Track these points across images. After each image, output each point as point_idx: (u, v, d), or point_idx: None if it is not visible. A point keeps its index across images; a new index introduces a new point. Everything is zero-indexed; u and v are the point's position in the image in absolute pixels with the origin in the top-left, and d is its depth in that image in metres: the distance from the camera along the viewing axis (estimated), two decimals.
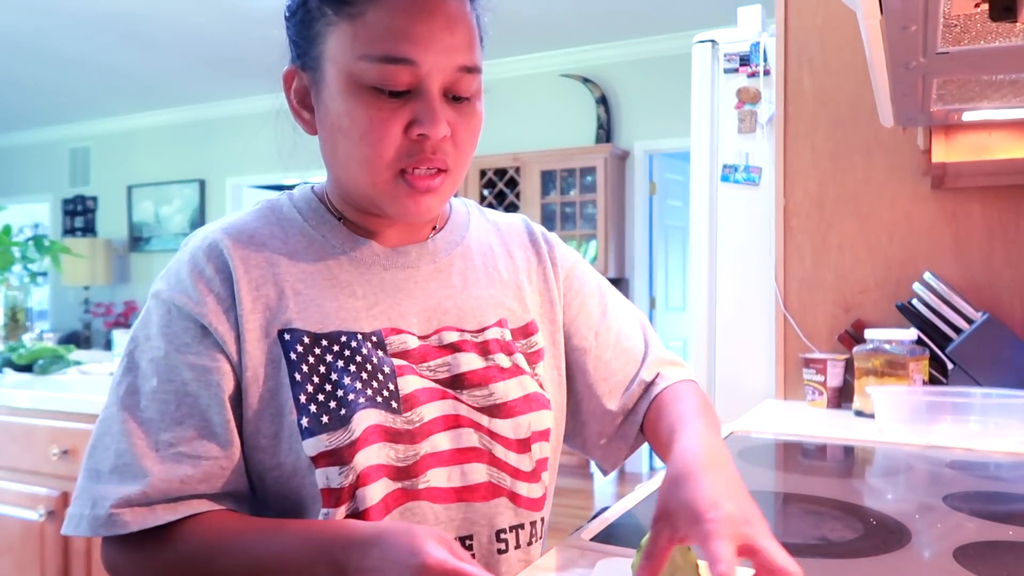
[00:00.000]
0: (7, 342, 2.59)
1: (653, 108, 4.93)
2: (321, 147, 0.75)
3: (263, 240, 0.75)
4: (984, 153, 1.42)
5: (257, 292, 0.71)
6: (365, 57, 0.67)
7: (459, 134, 0.71)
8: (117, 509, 0.65)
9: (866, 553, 0.76)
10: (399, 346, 0.74)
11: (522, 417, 0.76)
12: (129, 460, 0.67)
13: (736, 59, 2.20)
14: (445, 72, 0.68)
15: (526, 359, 0.80)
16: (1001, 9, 0.68)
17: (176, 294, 0.71)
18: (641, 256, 4.97)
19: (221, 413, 0.69)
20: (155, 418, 0.68)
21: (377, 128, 0.68)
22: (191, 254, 0.73)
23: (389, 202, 0.71)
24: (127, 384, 0.70)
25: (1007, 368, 1.53)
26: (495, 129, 5.36)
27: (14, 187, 7.66)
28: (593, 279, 0.91)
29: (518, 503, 0.76)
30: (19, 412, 2.02)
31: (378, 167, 0.69)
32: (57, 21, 4.60)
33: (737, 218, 2.21)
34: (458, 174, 0.73)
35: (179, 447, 0.67)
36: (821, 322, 1.81)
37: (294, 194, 0.81)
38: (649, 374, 0.85)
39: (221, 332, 0.70)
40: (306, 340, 0.71)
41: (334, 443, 0.68)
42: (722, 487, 0.57)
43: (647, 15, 4.54)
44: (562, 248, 0.91)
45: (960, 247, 1.70)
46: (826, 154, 1.82)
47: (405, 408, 0.72)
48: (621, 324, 0.88)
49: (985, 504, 0.96)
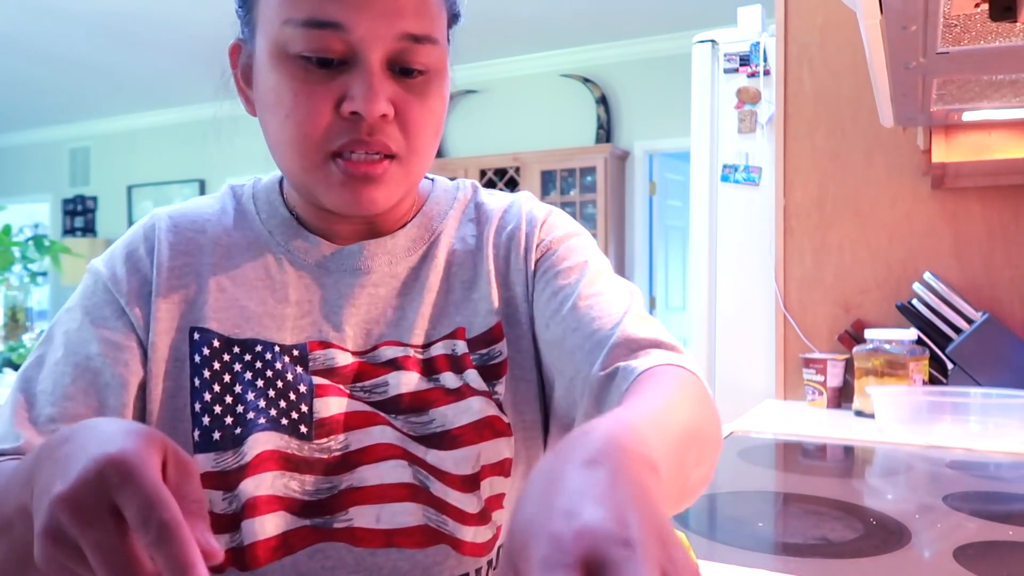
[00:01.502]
0: (7, 342, 2.59)
1: (653, 108, 4.93)
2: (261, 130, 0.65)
3: (205, 227, 0.68)
4: (984, 153, 1.42)
5: (177, 281, 0.65)
6: (289, 22, 0.58)
7: (409, 115, 0.60)
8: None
9: (866, 553, 0.76)
10: (324, 362, 0.64)
11: (469, 448, 0.63)
12: (6, 430, 0.60)
13: (736, 59, 2.20)
14: (385, 40, 0.58)
15: (485, 374, 0.67)
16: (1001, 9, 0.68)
17: (105, 270, 0.66)
18: (641, 256, 4.97)
19: (119, 396, 0.62)
20: (47, 390, 0.61)
21: (303, 104, 0.59)
22: (133, 231, 0.68)
23: (324, 192, 0.61)
24: (35, 356, 0.64)
25: (1007, 368, 1.53)
26: (495, 129, 5.36)
27: (14, 187, 7.66)
28: (580, 255, 0.70)
29: (461, 550, 0.64)
30: None
31: (306, 149, 0.60)
32: (57, 21, 4.60)
33: (737, 218, 2.21)
34: (413, 163, 0.63)
35: (60, 422, 0.60)
36: (821, 322, 1.81)
37: (260, 181, 0.73)
38: (607, 367, 0.60)
39: (137, 316, 0.64)
40: (215, 344, 0.63)
41: (221, 464, 0.60)
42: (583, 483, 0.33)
43: (647, 15, 4.54)
44: (549, 224, 0.72)
45: (960, 247, 1.70)
46: (826, 154, 1.82)
47: (319, 434, 0.62)
48: (594, 305, 0.65)
49: (985, 504, 0.96)
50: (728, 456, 1.22)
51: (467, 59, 5.28)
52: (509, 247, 0.71)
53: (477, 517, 0.64)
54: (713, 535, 0.84)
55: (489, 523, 0.66)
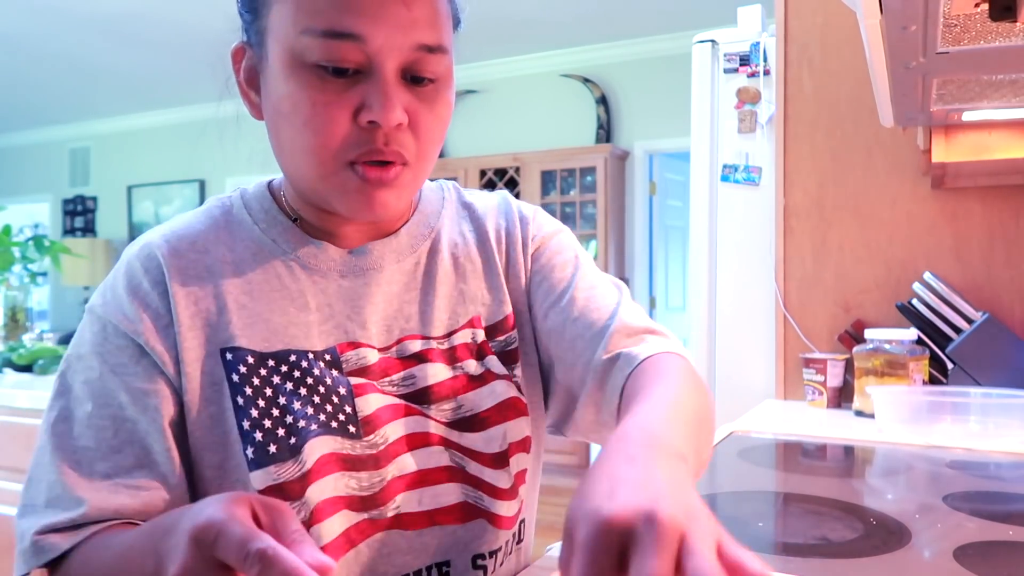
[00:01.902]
0: (7, 342, 2.59)
1: (653, 108, 4.93)
2: (268, 135, 0.66)
3: (206, 246, 0.67)
4: (984, 153, 1.42)
5: (196, 307, 0.64)
6: (307, 31, 0.58)
7: (420, 122, 0.62)
8: (40, 536, 0.59)
9: (866, 553, 0.76)
10: (357, 362, 0.67)
11: (495, 428, 0.69)
12: (61, 492, 0.60)
13: (736, 59, 2.20)
14: (401, 50, 0.59)
15: (503, 359, 0.72)
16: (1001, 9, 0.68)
17: (111, 311, 0.64)
18: (641, 256, 4.97)
19: (161, 441, 0.62)
20: (91, 446, 0.61)
21: (321, 113, 0.59)
22: (127, 265, 0.66)
23: (339, 198, 0.63)
24: (59, 409, 0.63)
25: (1007, 368, 1.53)
26: (495, 129, 5.36)
27: (14, 187, 7.66)
28: (570, 251, 0.77)
29: (497, 524, 0.69)
30: (19, 412, 2.02)
31: (323, 158, 0.61)
32: (57, 21, 4.60)
33: (737, 218, 2.21)
34: (421, 168, 0.65)
35: (116, 477, 0.60)
36: (821, 322, 1.81)
37: (247, 191, 0.72)
38: (609, 352, 0.68)
39: (159, 352, 0.63)
40: (250, 360, 0.64)
41: (283, 476, 0.61)
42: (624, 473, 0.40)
43: (647, 15, 4.54)
44: (538, 222, 0.78)
45: (960, 247, 1.70)
46: (826, 154, 1.82)
47: (366, 431, 0.65)
48: (591, 296, 0.73)
49: (985, 504, 0.96)
50: (728, 456, 1.22)
51: (467, 59, 5.28)
52: (510, 243, 0.76)
53: (508, 492, 0.69)
54: None
55: (517, 497, 0.71)
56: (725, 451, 1.25)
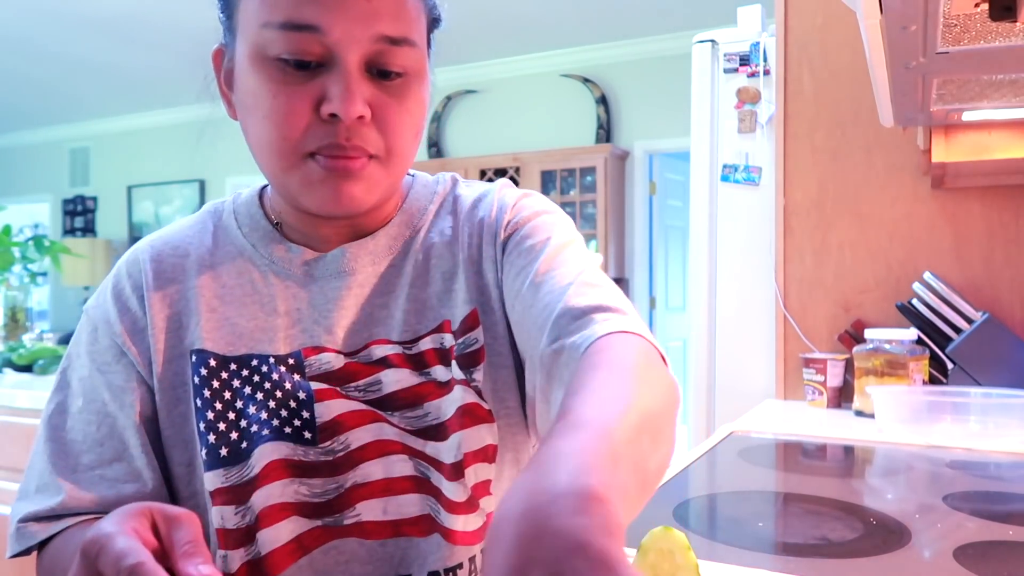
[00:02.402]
0: (7, 342, 2.59)
1: (653, 108, 4.93)
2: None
3: (188, 251, 0.70)
4: (984, 153, 1.42)
5: (170, 310, 0.67)
6: (268, 25, 0.58)
7: (386, 116, 0.61)
8: (23, 523, 0.64)
9: (866, 553, 0.76)
10: (320, 367, 0.66)
11: (453, 437, 0.65)
12: (48, 480, 0.65)
13: (736, 59, 2.20)
14: (361, 42, 0.58)
15: (463, 362, 0.67)
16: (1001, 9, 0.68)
17: (98, 313, 0.69)
18: (641, 256, 4.97)
19: (136, 436, 0.65)
20: (79, 439, 0.66)
21: (282, 105, 0.59)
22: (117, 270, 0.70)
23: (305, 192, 0.61)
24: (56, 403, 0.68)
25: (1007, 368, 1.53)
26: (495, 129, 5.36)
27: (14, 187, 7.66)
28: (542, 233, 0.68)
29: (454, 540, 0.65)
30: (19, 412, 2.02)
31: (284, 150, 0.60)
32: (57, 21, 4.60)
33: (737, 218, 2.21)
34: (393, 163, 0.63)
35: (98, 469, 0.65)
36: (821, 322, 1.81)
37: (240, 196, 0.73)
38: (554, 343, 0.58)
39: (134, 354, 0.67)
40: (212, 363, 0.65)
41: (232, 479, 0.62)
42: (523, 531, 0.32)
43: (647, 15, 4.54)
44: (518, 207, 0.71)
45: (960, 247, 1.70)
46: (826, 154, 1.82)
47: (323, 438, 0.64)
48: (548, 278, 0.63)
49: (985, 504, 0.96)
50: (728, 456, 1.22)
51: (467, 59, 5.29)
52: (481, 234, 0.71)
53: (465, 505, 0.65)
54: (713, 535, 0.84)
55: (478, 511, 0.67)
56: (725, 451, 1.25)
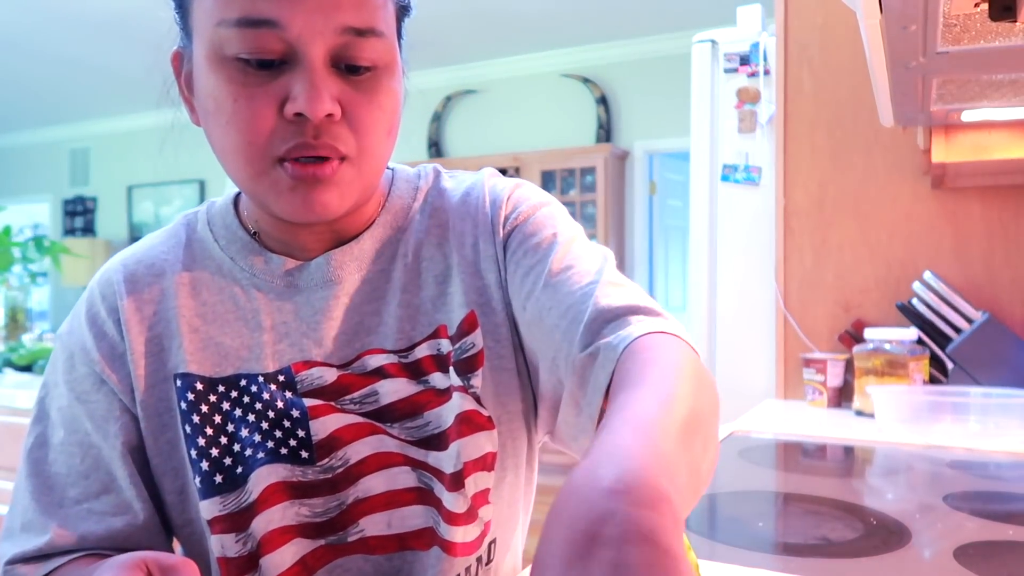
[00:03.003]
0: (7, 342, 2.59)
1: (653, 108, 4.93)
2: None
3: (163, 269, 0.65)
4: (984, 153, 1.42)
5: (149, 333, 0.63)
6: (223, 22, 0.54)
7: (356, 112, 0.57)
8: (11, 565, 0.61)
9: (866, 553, 0.76)
10: (312, 382, 0.62)
11: (453, 446, 0.63)
12: (32, 517, 0.61)
13: (736, 59, 2.20)
14: (324, 35, 0.54)
15: (460, 368, 0.64)
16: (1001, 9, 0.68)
17: (74, 340, 0.65)
18: (641, 256, 4.97)
19: (123, 467, 0.62)
20: (62, 472, 0.62)
21: (244, 108, 0.55)
22: (89, 293, 0.66)
23: (274, 199, 0.58)
24: (36, 435, 0.64)
25: (1007, 368, 1.53)
26: (495, 129, 5.36)
27: (14, 187, 7.66)
28: (547, 228, 0.65)
29: (453, 552, 0.63)
30: (19, 412, 2.02)
31: (251, 156, 0.56)
32: (57, 21, 4.60)
33: (737, 218, 2.21)
34: (365, 163, 0.58)
35: (85, 503, 0.61)
36: (821, 322, 1.81)
37: (214, 205, 0.69)
38: (588, 345, 0.56)
39: (114, 381, 0.63)
40: (199, 386, 0.62)
41: (229, 507, 0.60)
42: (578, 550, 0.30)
43: (647, 15, 4.54)
44: (513, 201, 0.68)
45: (960, 247, 1.70)
46: (826, 154, 1.82)
47: (320, 456, 0.61)
48: (566, 278, 0.61)
49: (985, 504, 0.96)
50: (728, 456, 1.22)
51: (467, 59, 5.29)
52: (476, 233, 0.67)
53: (464, 516, 0.63)
54: (713, 535, 0.84)
55: (476, 520, 0.64)
56: (725, 451, 1.25)
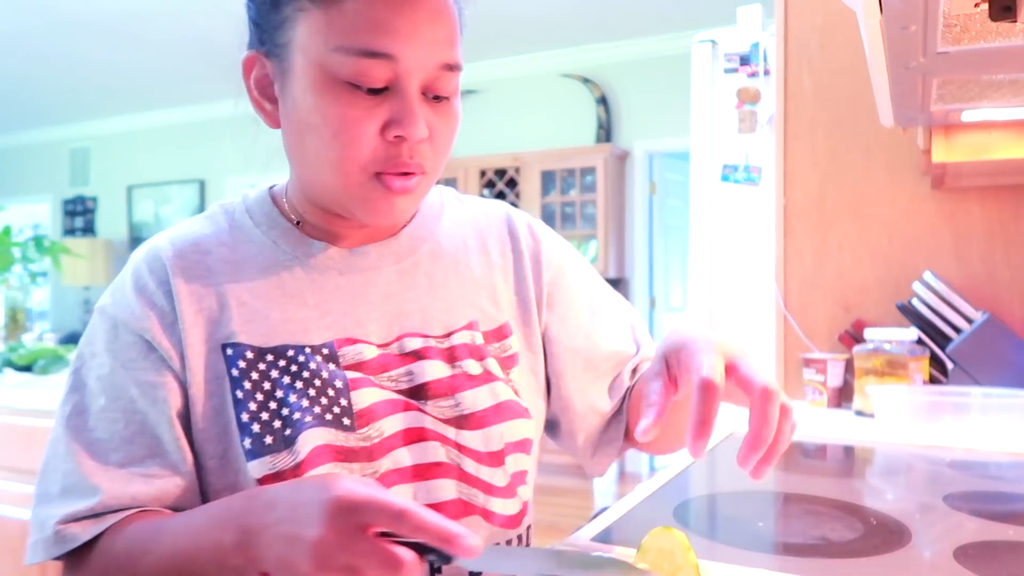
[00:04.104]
0: (7, 342, 2.59)
1: (653, 108, 4.93)
2: (285, 143, 0.69)
3: (208, 248, 0.70)
4: (984, 153, 1.42)
5: (199, 304, 0.67)
6: (340, 49, 0.61)
7: (437, 135, 0.66)
8: (63, 525, 0.62)
9: (866, 553, 0.76)
10: (353, 357, 0.69)
11: (493, 428, 0.71)
12: (78, 480, 0.63)
13: (736, 59, 2.20)
14: (426, 69, 0.63)
15: (500, 364, 0.75)
16: (1001, 9, 0.68)
17: (120, 309, 0.68)
18: (641, 256, 4.97)
19: (170, 431, 0.65)
20: (104, 438, 0.65)
21: (351, 127, 0.62)
22: (135, 267, 0.70)
23: (360, 205, 0.66)
24: (73, 404, 0.67)
25: (1007, 368, 1.53)
26: (495, 129, 5.36)
27: (14, 187, 7.66)
28: (584, 276, 0.84)
29: (492, 521, 0.71)
30: (19, 412, 2.02)
31: (350, 169, 0.64)
32: (58, 21, 4.60)
33: (737, 218, 2.21)
34: (434, 175, 0.69)
35: (130, 467, 0.64)
36: (821, 322, 1.81)
37: (249, 196, 0.76)
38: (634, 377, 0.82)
39: (165, 348, 0.66)
40: (249, 355, 0.67)
41: (279, 465, 0.64)
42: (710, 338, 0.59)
43: (647, 15, 4.54)
44: (552, 243, 0.83)
45: (960, 247, 1.70)
46: (826, 154, 1.82)
47: (360, 424, 0.67)
48: (611, 325, 0.83)
49: (985, 504, 0.96)
50: (728, 456, 1.22)
51: (467, 59, 5.26)
52: (517, 258, 0.80)
53: (504, 490, 0.71)
54: (713, 535, 0.84)
55: (515, 497, 0.73)
56: (725, 451, 1.25)
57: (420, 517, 0.48)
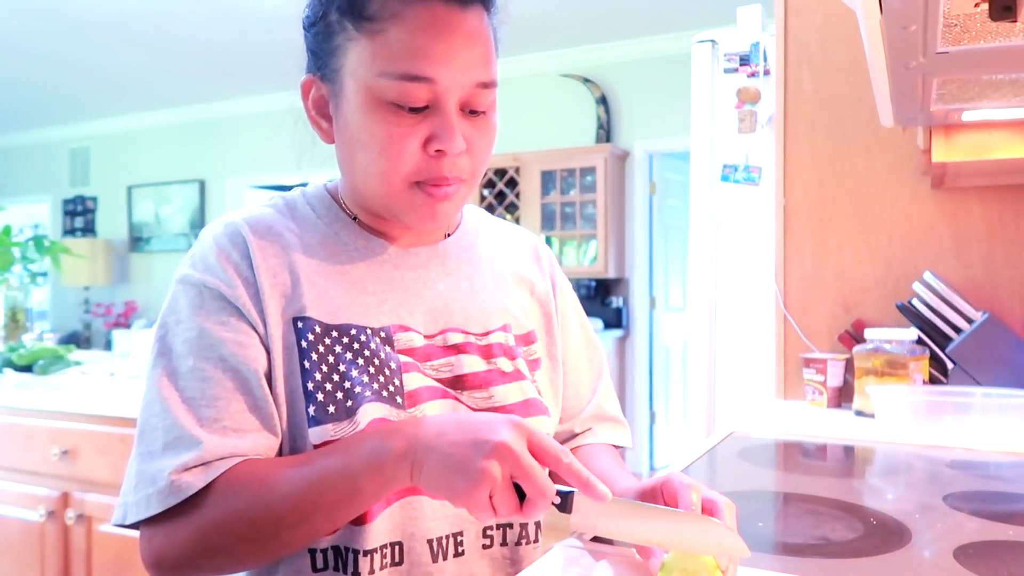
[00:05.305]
0: (7, 342, 2.59)
1: (653, 108, 4.93)
2: (338, 156, 0.76)
3: (279, 231, 0.76)
4: (984, 153, 1.42)
5: (275, 279, 0.73)
6: (385, 74, 0.68)
7: (475, 147, 0.73)
8: (176, 475, 0.65)
9: (866, 553, 0.76)
10: (406, 343, 0.76)
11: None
12: (180, 434, 0.67)
13: (736, 59, 2.20)
14: (463, 88, 0.70)
15: (528, 365, 0.83)
16: (1001, 9, 0.68)
17: (207, 276, 0.72)
18: (641, 256, 4.97)
19: (260, 388, 0.70)
20: (196, 396, 0.69)
21: (395, 143, 0.70)
22: (215, 240, 0.74)
23: (405, 210, 0.74)
24: (163, 367, 0.71)
25: (1007, 368, 1.53)
26: None
27: (14, 187, 7.66)
28: (576, 304, 0.97)
29: None
30: (19, 412, 2.02)
31: (394, 180, 0.71)
32: (58, 22, 4.60)
33: (737, 218, 2.21)
34: (475, 182, 0.76)
35: (223, 421, 0.68)
36: (821, 322, 1.81)
37: (307, 191, 0.82)
38: (582, 425, 0.93)
39: (253, 314, 0.71)
40: (317, 329, 0.73)
41: (339, 433, 0.70)
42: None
43: (647, 15, 4.54)
44: (559, 269, 0.96)
45: (960, 247, 1.70)
46: (826, 154, 1.82)
47: (408, 404, 0.73)
48: (580, 363, 0.94)
49: (985, 504, 0.96)
50: (728, 456, 1.22)
51: None
52: (543, 277, 0.92)
53: None
54: None
55: None
56: (725, 451, 1.25)
57: (574, 461, 0.59)
